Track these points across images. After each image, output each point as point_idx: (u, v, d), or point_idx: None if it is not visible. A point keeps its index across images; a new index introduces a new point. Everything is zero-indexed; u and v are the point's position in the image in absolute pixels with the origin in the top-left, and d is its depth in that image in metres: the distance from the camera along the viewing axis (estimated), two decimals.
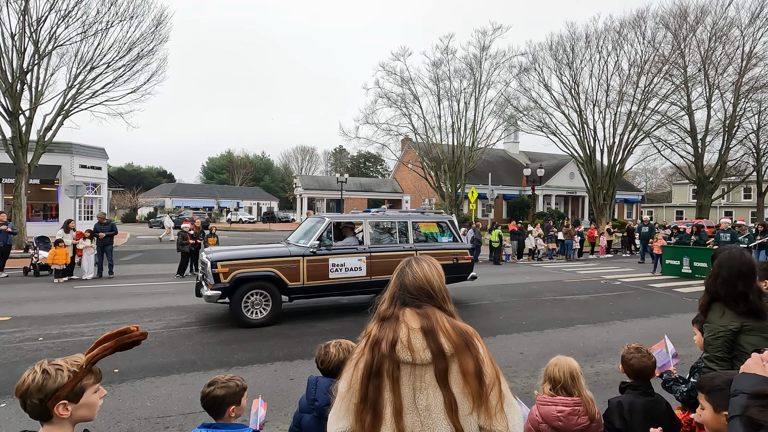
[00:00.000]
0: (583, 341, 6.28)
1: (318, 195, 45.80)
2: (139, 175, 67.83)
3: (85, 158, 24.05)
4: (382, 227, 8.29)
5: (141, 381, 4.66)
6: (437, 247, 8.36)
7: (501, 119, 28.52)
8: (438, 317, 1.34)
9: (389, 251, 7.82)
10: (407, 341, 1.28)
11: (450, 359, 1.27)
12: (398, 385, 1.27)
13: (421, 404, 1.26)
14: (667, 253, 13.53)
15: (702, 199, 27.39)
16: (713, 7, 24.61)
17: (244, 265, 6.88)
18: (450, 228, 8.62)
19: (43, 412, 1.32)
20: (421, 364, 1.27)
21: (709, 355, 2.23)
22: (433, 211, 9.77)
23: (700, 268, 12.47)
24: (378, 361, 1.29)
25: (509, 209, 37.94)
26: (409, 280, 1.41)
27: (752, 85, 24.87)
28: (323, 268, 7.29)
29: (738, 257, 2.23)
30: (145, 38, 18.36)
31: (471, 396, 1.26)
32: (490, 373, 1.31)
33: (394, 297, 1.41)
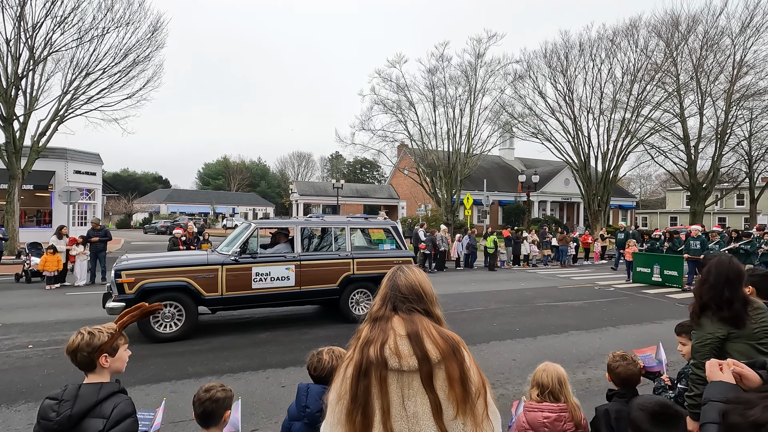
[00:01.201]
0: (575, 347, 6.30)
1: (314, 201, 45.78)
2: (134, 180, 67.55)
3: (79, 164, 23.94)
4: (316, 234, 7.97)
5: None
6: (377, 255, 7.91)
7: (496, 126, 28.71)
8: (425, 324, 1.35)
9: (322, 259, 7.43)
10: (395, 347, 1.29)
11: (436, 365, 1.28)
12: (386, 388, 1.27)
13: (410, 411, 1.26)
14: (638, 260, 13.24)
15: (695, 205, 27.59)
16: (704, 17, 24.99)
17: (153, 274, 6.39)
18: (393, 235, 8.18)
19: (90, 363, 1.74)
20: (408, 371, 1.28)
21: (697, 362, 2.24)
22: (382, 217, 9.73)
23: (670, 276, 12.19)
24: (367, 363, 1.30)
25: (505, 215, 38.05)
26: (402, 281, 1.44)
27: (743, 93, 25.18)
28: (245, 278, 6.79)
29: (727, 264, 2.25)
30: (141, 44, 18.41)
31: (456, 402, 1.27)
32: (477, 381, 1.32)
33: (386, 298, 1.43)
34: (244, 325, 7.37)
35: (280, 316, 8.01)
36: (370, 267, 7.66)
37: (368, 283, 7.62)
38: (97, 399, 1.65)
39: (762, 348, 2.14)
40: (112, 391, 1.71)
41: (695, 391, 2.23)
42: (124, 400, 1.71)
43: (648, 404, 1.60)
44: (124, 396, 1.75)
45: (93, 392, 1.67)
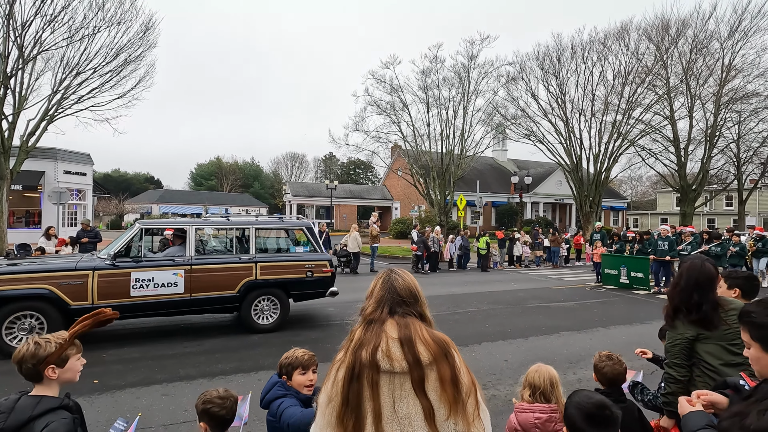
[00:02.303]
0: (566, 348, 6.35)
1: (308, 202, 45.67)
2: (125, 181, 66.90)
3: (69, 164, 23.68)
4: (214, 235, 7.39)
5: (121, 392, 4.59)
6: (287, 259, 7.37)
7: (489, 127, 28.85)
8: (417, 327, 1.37)
9: (220, 264, 6.77)
10: (387, 350, 1.30)
11: (428, 368, 1.30)
12: (378, 391, 1.28)
13: (402, 412, 1.27)
14: (605, 262, 12.94)
15: (685, 206, 27.94)
16: (694, 21, 25.34)
17: (8, 281, 5.67)
18: (307, 236, 7.59)
19: (36, 374, 1.66)
20: (400, 373, 1.29)
21: (669, 361, 2.32)
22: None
23: (637, 278, 11.95)
24: (359, 366, 1.30)
25: (498, 217, 38.24)
26: (399, 284, 1.46)
27: (732, 96, 25.56)
28: (122, 284, 6.12)
29: (698, 267, 2.29)
30: (133, 44, 18.22)
31: (448, 403, 1.29)
32: (467, 381, 1.34)
33: (382, 300, 1.44)
34: (235, 327, 7.33)
35: None
36: (277, 271, 7.07)
37: (275, 290, 7.04)
38: (31, 415, 1.55)
39: (733, 349, 2.17)
40: (50, 407, 1.60)
41: (668, 390, 2.30)
42: (60, 419, 1.58)
43: (584, 404, 1.62)
44: (62, 414, 1.62)
45: (29, 406, 1.57)
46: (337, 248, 14.63)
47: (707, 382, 2.21)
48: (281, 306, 7.08)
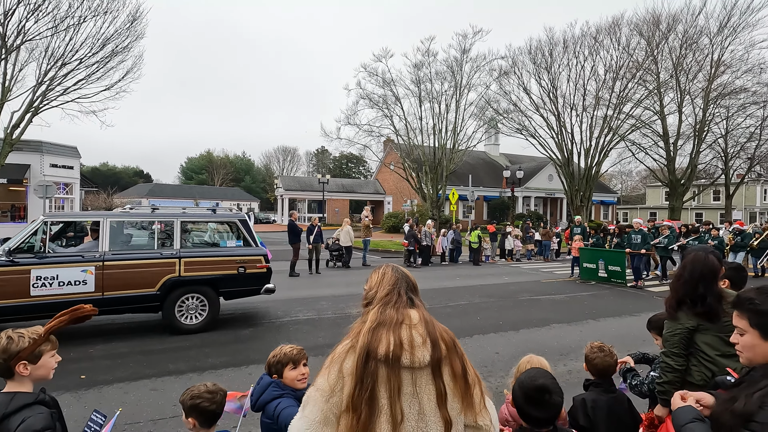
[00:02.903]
0: (557, 340, 6.40)
1: (299, 196, 45.45)
2: (114, 174, 65.99)
3: (55, 157, 23.24)
4: (133, 229, 6.83)
5: (109, 387, 4.53)
6: (215, 254, 6.83)
7: (481, 121, 28.88)
8: (432, 318, 1.38)
9: (138, 259, 6.24)
10: (410, 337, 1.28)
11: (444, 360, 1.31)
12: (397, 378, 1.25)
13: (414, 409, 1.25)
14: (584, 255, 12.76)
15: (674, 201, 28.29)
16: (684, 16, 25.50)
17: None
18: (240, 230, 7.11)
19: (7, 370, 1.61)
20: (419, 367, 1.27)
21: (667, 350, 2.33)
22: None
23: (614, 272, 11.79)
24: (377, 347, 1.25)
25: (490, 211, 38.40)
26: (407, 272, 1.49)
27: (720, 91, 25.84)
28: (20, 283, 5.60)
29: (702, 260, 2.30)
30: (120, 34, 17.86)
31: (460, 396, 1.30)
32: (472, 373, 1.36)
33: (397, 284, 1.43)
34: (226, 321, 7.28)
35: (262, 312, 7.94)
36: (204, 268, 6.60)
37: (202, 287, 6.57)
38: (5, 412, 1.52)
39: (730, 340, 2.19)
40: (24, 403, 1.57)
41: (664, 378, 2.33)
42: (36, 414, 1.55)
43: (526, 384, 1.69)
44: (39, 409, 1.59)
45: (2, 404, 1.54)
46: (329, 242, 14.59)
47: (703, 372, 2.23)
48: (210, 305, 6.60)
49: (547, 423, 1.69)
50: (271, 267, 7.28)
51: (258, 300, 8.85)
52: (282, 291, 10.03)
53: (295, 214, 13.66)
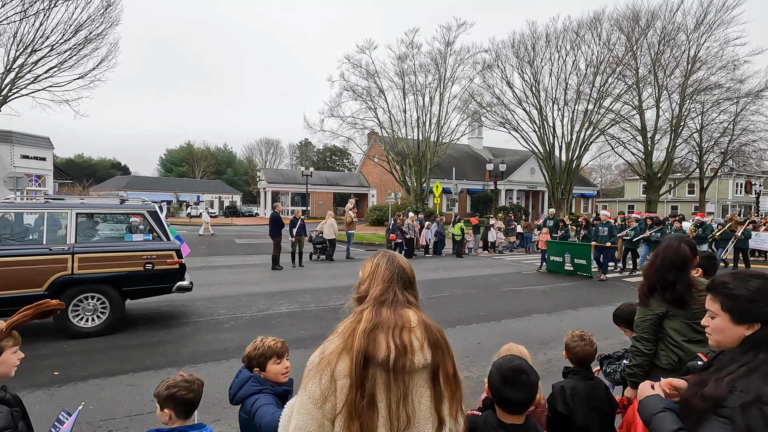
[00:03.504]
0: (537, 330, 6.50)
1: (283, 189, 44.97)
2: (90, 167, 64.01)
3: (27, 148, 22.43)
4: (14, 221, 6.11)
5: (84, 383, 4.40)
6: (118, 249, 6.18)
7: (465, 115, 29.03)
8: (428, 319, 1.35)
9: (20, 256, 5.56)
10: (409, 340, 1.25)
11: (440, 360, 1.30)
12: (394, 381, 1.22)
13: (409, 410, 1.24)
14: (550, 248, 12.70)
15: (651, 194, 29.05)
16: (663, 12, 26.03)
17: None
18: (150, 222, 6.48)
19: None
20: (415, 370, 1.26)
21: (637, 335, 2.41)
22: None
23: (580, 265, 11.69)
24: (374, 351, 1.21)
25: (473, 203, 38.73)
26: (405, 264, 1.40)
27: (696, 87, 26.54)
28: None
29: (673, 249, 2.36)
30: (94, 20, 17.27)
31: (451, 397, 1.30)
32: (458, 374, 1.37)
33: (392, 280, 1.34)
34: (206, 314, 7.16)
35: (244, 304, 7.84)
36: (103, 264, 5.99)
37: (102, 286, 5.96)
38: None
39: (697, 327, 2.25)
40: None
41: (633, 362, 2.41)
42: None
43: (503, 366, 1.70)
44: (0, 408, 1.53)
45: None
46: (313, 235, 14.48)
47: (669, 356, 2.31)
48: (111, 305, 6.01)
49: (523, 407, 1.69)
50: (184, 263, 6.64)
51: (240, 292, 8.74)
52: (265, 284, 9.93)
53: (278, 206, 13.50)
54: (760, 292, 1.17)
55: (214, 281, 10.26)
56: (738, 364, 1.14)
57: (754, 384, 1.06)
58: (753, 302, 1.18)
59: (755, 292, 1.18)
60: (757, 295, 1.18)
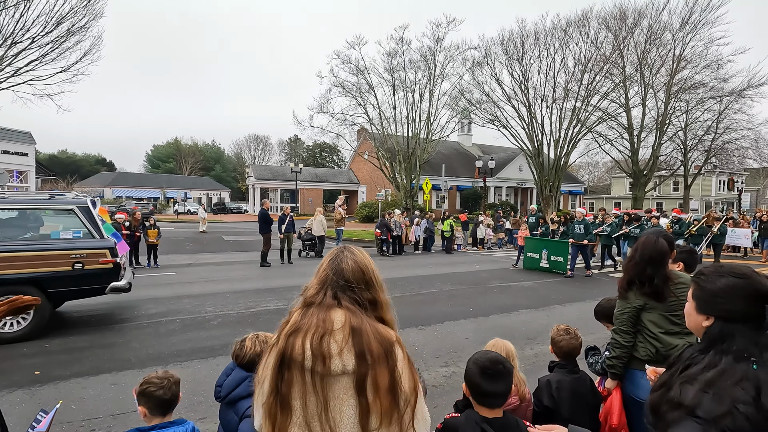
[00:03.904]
0: (525, 325, 6.56)
1: (272, 185, 44.62)
2: (74, 163, 62.74)
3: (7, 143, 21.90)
4: None
5: (66, 382, 4.32)
6: (42, 248, 5.73)
7: (455, 111, 29.03)
8: (365, 320, 1.24)
9: None
10: (327, 343, 1.18)
11: (368, 369, 1.18)
12: (310, 387, 1.18)
13: (328, 417, 1.17)
14: (528, 245, 12.51)
15: (637, 191, 29.46)
16: (649, 11, 26.32)
17: None
18: (81, 218, 6.01)
19: None
20: (335, 375, 1.17)
21: (616, 327, 2.45)
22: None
23: (556, 262, 11.56)
24: (290, 355, 1.18)
25: (462, 200, 38.89)
26: (348, 265, 1.30)
27: (681, 86, 26.95)
28: None
29: (651, 243, 2.41)
30: (77, 12, 16.85)
31: (379, 412, 1.17)
32: (408, 388, 1.21)
33: (326, 282, 1.29)
34: (193, 312, 7.08)
35: (232, 301, 7.76)
36: (25, 264, 5.58)
37: (23, 287, 5.44)
38: None
39: (674, 319, 2.32)
40: None
41: (613, 354, 2.45)
42: None
43: (480, 360, 1.74)
44: None
45: None
46: (302, 232, 14.40)
47: (647, 348, 2.36)
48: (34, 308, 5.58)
49: (501, 399, 1.70)
50: (119, 263, 6.17)
51: (228, 289, 8.66)
52: (253, 281, 9.85)
53: (267, 203, 13.39)
54: (725, 290, 1.19)
55: (201, 278, 10.15)
56: (701, 365, 1.15)
57: (726, 393, 1.05)
58: (715, 296, 1.20)
59: (721, 288, 1.19)
60: (721, 292, 1.19)
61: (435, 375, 4.61)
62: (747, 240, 15.40)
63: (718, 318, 1.19)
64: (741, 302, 1.16)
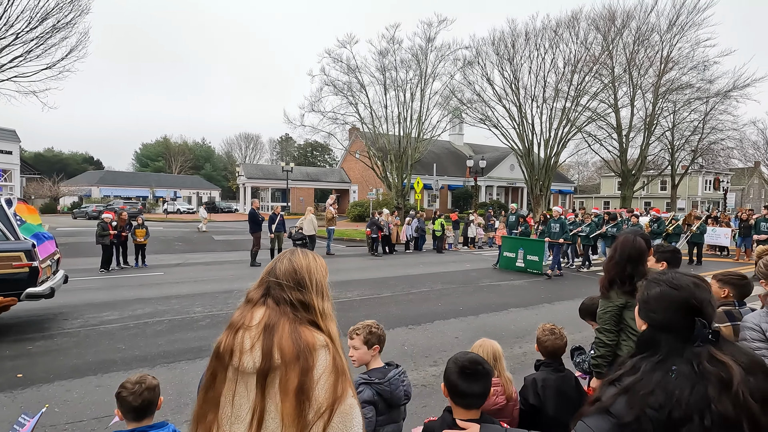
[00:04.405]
0: (514, 324, 6.60)
1: (263, 184, 44.33)
2: (60, 161, 61.74)
3: None
4: None
5: (49, 385, 4.25)
6: None
7: (446, 111, 29.10)
8: (282, 320, 1.19)
9: None
10: (241, 340, 1.18)
11: (274, 369, 1.13)
12: (232, 381, 1.18)
13: (242, 413, 1.15)
14: (505, 244, 12.37)
15: (625, 190, 29.81)
16: (638, 13, 26.63)
17: None
18: None
19: None
20: (246, 371, 1.15)
21: (600, 327, 2.49)
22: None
23: (531, 261, 11.46)
24: (220, 349, 1.21)
25: (454, 200, 39.03)
26: (282, 266, 1.28)
27: (668, 86, 27.32)
28: None
29: (630, 242, 2.45)
30: (62, 8, 16.55)
31: (282, 416, 1.10)
32: (324, 399, 1.12)
33: (262, 281, 1.31)
34: (181, 312, 7.00)
35: (220, 301, 7.70)
36: None
37: None
38: None
39: None
40: None
41: (597, 353, 2.49)
42: None
43: (460, 359, 1.75)
44: None
45: None
46: (292, 231, 14.33)
47: (630, 346, 2.39)
48: None
49: (480, 399, 1.70)
50: (37, 266, 5.61)
51: (217, 290, 8.59)
52: (243, 281, 9.77)
53: (256, 203, 13.31)
54: (655, 298, 1.21)
55: (190, 278, 10.06)
56: (624, 369, 1.17)
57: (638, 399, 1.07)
58: (646, 303, 1.23)
59: (652, 297, 1.22)
60: (652, 300, 1.22)
61: (425, 374, 4.62)
62: (726, 239, 15.56)
63: (650, 325, 1.21)
64: (669, 313, 1.16)
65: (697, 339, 1.11)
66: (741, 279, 2.69)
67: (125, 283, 9.53)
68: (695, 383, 1.05)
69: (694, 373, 1.07)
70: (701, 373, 1.06)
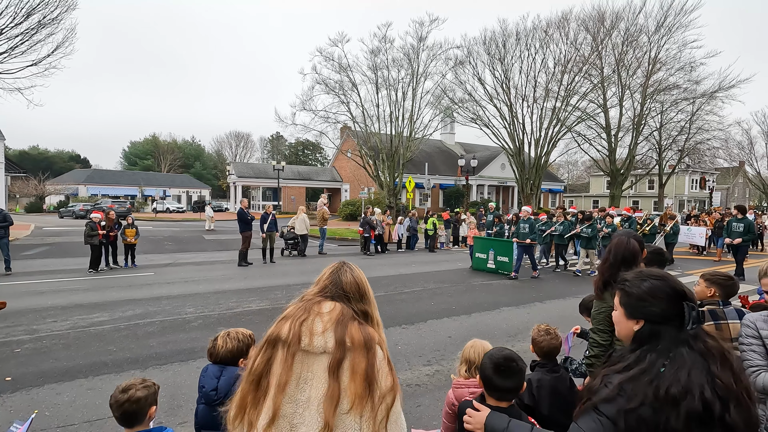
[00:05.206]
0: (506, 323, 6.66)
1: (253, 183, 44.02)
2: (46, 159, 60.64)
3: None
4: None
5: (39, 389, 4.18)
6: None
7: (437, 110, 29.21)
8: (352, 314, 1.35)
9: None
10: (311, 325, 1.29)
11: (348, 352, 1.25)
12: (289, 365, 1.26)
13: (304, 395, 1.24)
14: (477, 245, 12.26)
15: (614, 189, 30.21)
16: (626, 14, 26.98)
17: None
18: None
19: None
20: (314, 353, 1.26)
21: (594, 327, 2.52)
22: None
23: (502, 262, 11.30)
24: (276, 336, 1.30)
25: (445, 198, 39.17)
26: (347, 278, 1.43)
27: (656, 87, 27.72)
28: None
29: (624, 245, 2.49)
30: (48, 4, 16.23)
31: (353, 396, 1.21)
32: (385, 386, 1.26)
33: (325, 290, 1.41)
34: (173, 313, 6.93)
35: (212, 302, 7.64)
36: None
37: None
38: None
39: None
40: None
41: (591, 353, 2.51)
42: None
43: (495, 356, 1.83)
44: None
45: None
46: (284, 231, 14.27)
47: (623, 345, 2.40)
48: None
49: (512, 393, 1.80)
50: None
51: (209, 290, 8.51)
52: (234, 281, 9.71)
53: (245, 202, 13.21)
54: (649, 293, 1.25)
55: (181, 279, 9.96)
56: (625, 363, 1.21)
57: (640, 389, 1.12)
58: (642, 301, 1.26)
59: (645, 292, 1.26)
60: (646, 295, 1.25)
61: (418, 374, 4.63)
62: (701, 238, 15.65)
63: (648, 321, 1.25)
64: (664, 303, 1.23)
65: (689, 322, 1.18)
66: (727, 280, 2.78)
67: (115, 283, 9.40)
68: (695, 361, 1.12)
69: (695, 353, 1.14)
70: (704, 351, 1.14)
